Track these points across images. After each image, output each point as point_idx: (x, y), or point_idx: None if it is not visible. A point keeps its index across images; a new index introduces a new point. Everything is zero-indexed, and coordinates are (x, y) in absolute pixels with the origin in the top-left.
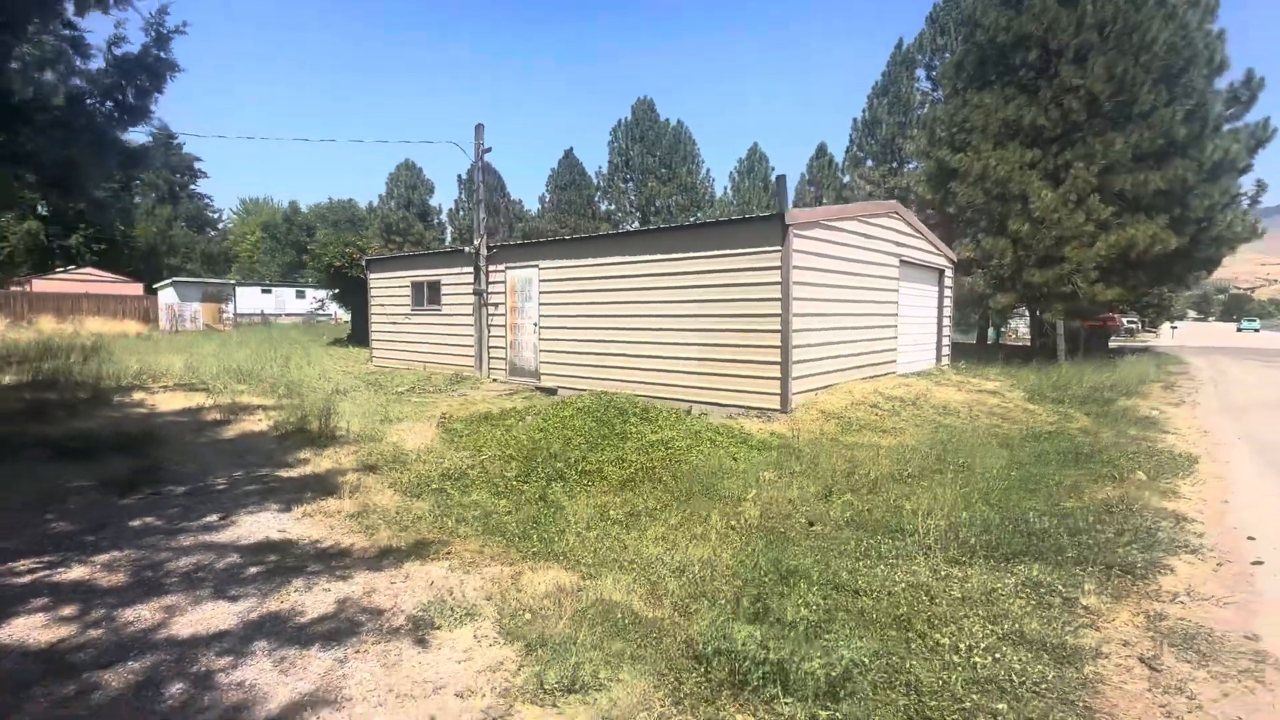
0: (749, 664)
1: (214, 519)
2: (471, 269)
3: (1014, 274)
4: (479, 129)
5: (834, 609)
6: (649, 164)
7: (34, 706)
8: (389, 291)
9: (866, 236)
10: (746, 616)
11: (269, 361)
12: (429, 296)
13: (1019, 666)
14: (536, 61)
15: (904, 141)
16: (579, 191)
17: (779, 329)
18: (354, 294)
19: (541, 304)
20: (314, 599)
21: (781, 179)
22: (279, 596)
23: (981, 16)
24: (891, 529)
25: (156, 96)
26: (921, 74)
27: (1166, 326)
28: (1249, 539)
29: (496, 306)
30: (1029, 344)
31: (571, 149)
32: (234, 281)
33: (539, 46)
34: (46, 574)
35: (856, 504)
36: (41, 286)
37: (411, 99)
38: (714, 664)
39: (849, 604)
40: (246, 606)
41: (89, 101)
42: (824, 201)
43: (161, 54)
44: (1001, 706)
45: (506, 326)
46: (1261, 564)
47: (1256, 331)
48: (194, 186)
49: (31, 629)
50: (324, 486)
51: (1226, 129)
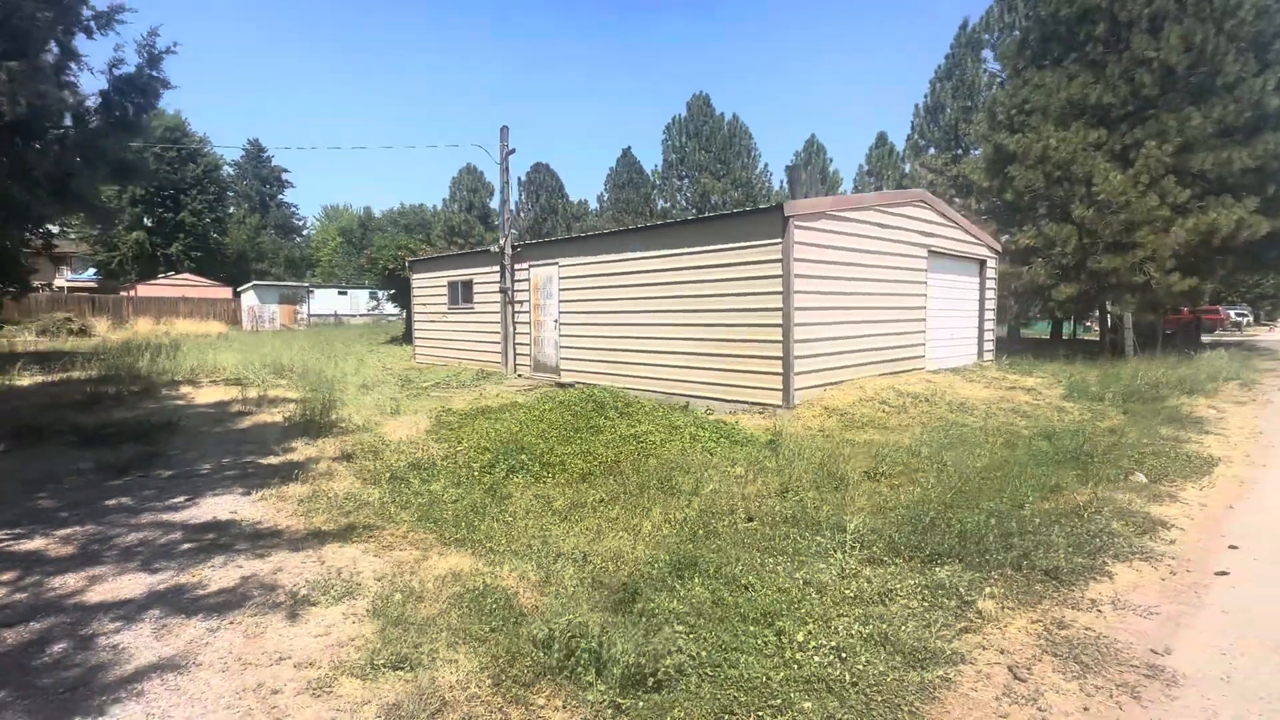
0: (581, 651)
1: (180, 500)
2: (499, 268)
3: (1078, 263)
4: (504, 131)
5: (706, 602)
6: (703, 160)
7: None
8: (429, 291)
9: (885, 226)
10: (611, 605)
11: (317, 358)
12: (463, 295)
13: (862, 667)
14: (599, 56)
15: (967, 127)
16: (636, 190)
17: (780, 323)
18: (406, 294)
19: (561, 301)
20: (223, 574)
21: (793, 169)
22: (193, 571)
23: None
24: (830, 526)
25: (149, 112)
26: (989, 55)
27: None
28: (1230, 548)
29: (521, 304)
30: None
31: (629, 148)
32: (308, 285)
33: (602, 43)
34: (8, 544)
35: (809, 500)
36: (144, 291)
37: (469, 102)
38: (552, 649)
39: (730, 598)
40: (160, 579)
41: (89, 120)
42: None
43: (154, 73)
44: (809, 705)
45: (530, 323)
46: (1226, 574)
47: None
48: (281, 196)
49: None
50: (294, 473)
51: None
